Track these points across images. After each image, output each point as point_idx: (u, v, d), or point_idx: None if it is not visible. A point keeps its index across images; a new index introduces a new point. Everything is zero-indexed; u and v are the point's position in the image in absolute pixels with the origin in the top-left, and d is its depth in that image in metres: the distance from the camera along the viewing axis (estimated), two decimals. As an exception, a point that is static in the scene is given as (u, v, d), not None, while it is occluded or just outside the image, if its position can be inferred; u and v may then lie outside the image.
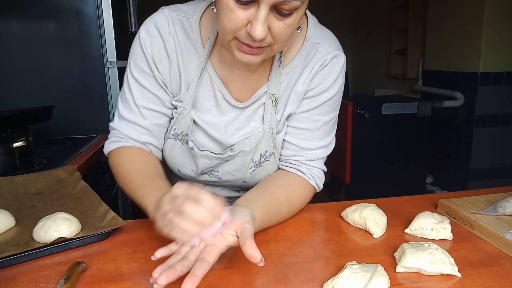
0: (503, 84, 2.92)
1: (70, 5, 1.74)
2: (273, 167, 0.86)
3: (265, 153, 0.83)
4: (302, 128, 0.84)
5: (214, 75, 0.81)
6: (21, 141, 1.33)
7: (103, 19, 1.77)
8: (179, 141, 0.84)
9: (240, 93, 0.82)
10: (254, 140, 0.82)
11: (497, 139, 3.00)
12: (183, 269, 0.54)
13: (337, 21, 5.11)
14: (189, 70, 0.81)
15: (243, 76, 0.81)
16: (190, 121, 0.82)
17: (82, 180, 0.98)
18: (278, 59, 0.80)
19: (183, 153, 0.85)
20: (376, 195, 1.01)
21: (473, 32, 2.90)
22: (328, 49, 0.80)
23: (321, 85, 0.81)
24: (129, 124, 0.83)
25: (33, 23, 1.73)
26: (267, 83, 0.81)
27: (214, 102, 0.82)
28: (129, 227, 0.79)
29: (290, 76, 0.82)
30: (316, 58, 0.80)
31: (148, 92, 0.81)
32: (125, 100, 0.83)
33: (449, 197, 0.88)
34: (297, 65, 0.81)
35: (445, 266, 0.60)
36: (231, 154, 0.82)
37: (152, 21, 0.79)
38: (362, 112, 2.93)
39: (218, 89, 0.81)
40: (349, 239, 0.74)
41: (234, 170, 0.85)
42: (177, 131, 0.83)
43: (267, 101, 0.81)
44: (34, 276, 0.62)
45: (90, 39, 1.78)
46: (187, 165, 0.86)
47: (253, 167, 0.84)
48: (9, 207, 0.84)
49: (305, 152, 0.85)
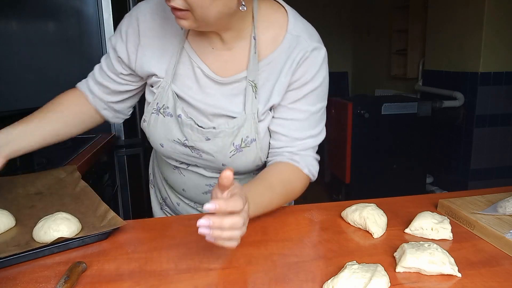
0: (503, 84, 2.92)
1: (70, 5, 1.74)
2: (254, 155, 0.86)
3: (246, 138, 0.84)
4: (292, 118, 0.86)
5: (192, 53, 0.85)
6: (21, 141, 1.32)
7: (103, 19, 1.77)
8: (161, 115, 0.87)
9: (220, 71, 0.85)
10: (236, 122, 0.84)
11: (497, 139, 3.00)
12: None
13: (337, 21, 5.12)
14: (168, 50, 0.85)
15: (219, 55, 0.85)
16: (172, 94, 0.85)
17: (82, 180, 0.98)
18: (254, 46, 0.82)
19: (165, 126, 0.87)
20: (376, 195, 1.01)
21: (473, 32, 2.90)
22: (309, 42, 0.82)
23: (304, 77, 0.83)
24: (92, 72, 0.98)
25: (33, 23, 1.73)
26: (247, 70, 0.83)
27: (194, 80, 0.85)
28: (129, 227, 0.79)
29: (272, 67, 0.83)
30: (297, 50, 0.82)
31: (109, 59, 0.93)
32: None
33: (449, 197, 0.88)
34: (278, 57, 0.83)
35: (445, 266, 0.60)
36: (212, 131, 0.84)
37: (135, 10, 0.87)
38: (362, 112, 2.93)
39: (197, 65, 0.84)
40: (349, 239, 0.74)
41: (215, 151, 0.86)
42: (160, 105, 0.87)
43: (247, 87, 0.83)
44: (34, 276, 0.62)
45: (90, 39, 1.78)
46: (170, 137, 0.87)
47: (233, 151, 0.85)
48: (9, 207, 0.84)
49: (296, 142, 0.86)
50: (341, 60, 5.23)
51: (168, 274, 0.62)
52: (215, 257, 0.67)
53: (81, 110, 0.97)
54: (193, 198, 0.99)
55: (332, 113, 3.16)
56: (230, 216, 0.57)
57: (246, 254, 0.68)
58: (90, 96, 0.96)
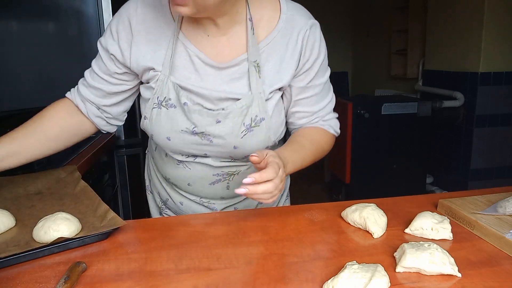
0: (503, 84, 2.92)
1: (70, 5, 1.74)
2: (264, 135, 0.88)
3: (256, 117, 0.86)
4: (310, 96, 0.92)
5: (188, 43, 0.85)
6: (21, 141, 1.32)
7: (103, 19, 1.77)
8: (164, 107, 0.86)
9: (218, 57, 0.85)
10: (244, 102, 0.85)
11: (497, 139, 3.00)
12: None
13: (337, 22, 5.12)
14: (163, 43, 0.85)
15: (215, 41, 0.85)
16: (172, 85, 0.85)
17: (82, 180, 0.98)
18: (251, 28, 0.84)
19: (169, 117, 0.86)
20: (376, 195, 1.01)
21: (473, 32, 2.90)
22: (304, 19, 0.87)
23: (312, 55, 0.88)
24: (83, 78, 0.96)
25: (33, 23, 1.73)
26: (247, 52, 0.85)
27: (192, 69, 0.85)
28: (129, 227, 0.79)
29: (271, 47, 0.86)
30: (296, 30, 0.86)
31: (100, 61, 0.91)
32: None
33: (449, 197, 0.88)
34: (276, 37, 0.86)
35: (445, 266, 0.60)
36: (222, 112, 0.84)
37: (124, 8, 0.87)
38: (362, 112, 2.93)
39: (194, 54, 0.85)
40: (349, 239, 0.74)
41: (225, 133, 0.86)
42: (160, 98, 0.86)
43: (250, 69, 0.85)
44: (34, 276, 0.62)
45: (90, 39, 1.78)
46: (177, 128, 0.86)
47: (244, 131, 0.86)
48: (9, 207, 0.84)
49: (318, 113, 0.95)
50: (341, 60, 5.23)
51: (168, 274, 0.62)
52: (215, 257, 0.67)
53: (71, 123, 0.95)
54: (199, 192, 0.97)
55: (332, 113, 3.16)
56: (264, 184, 0.69)
57: (246, 254, 0.68)
58: (81, 104, 0.94)
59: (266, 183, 0.69)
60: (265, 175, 0.68)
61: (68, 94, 0.97)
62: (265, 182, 0.69)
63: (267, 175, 0.69)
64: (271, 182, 0.69)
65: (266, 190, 0.69)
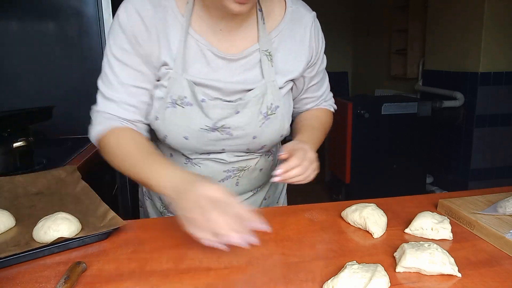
0: (503, 84, 2.92)
1: (70, 5, 1.74)
2: (279, 123, 0.90)
3: (271, 105, 0.87)
4: (316, 82, 0.99)
5: (199, 37, 0.83)
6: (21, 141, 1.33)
7: (103, 19, 1.77)
8: (179, 106, 0.83)
9: (230, 49, 0.85)
10: (259, 90, 0.86)
11: (497, 139, 3.00)
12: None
13: (337, 21, 5.12)
14: (173, 39, 0.82)
15: (227, 35, 0.85)
16: (187, 83, 0.83)
17: (82, 180, 0.98)
18: (261, 18, 0.86)
19: (186, 116, 0.84)
20: (376, 195, 1.01)
21: (473, 32, 2.90)
22: (307, 12, 0.92)
23: (319, 45, 0.94)
24: (117, 104, 0.83)
25: (33, 23, 1.73)
26: (258, 42, 0.86)
27: (204, 63, 0.84)
28: (129, 227, 0.79)
29: (280, 38, 0.88)
30: (303, 23, 0.90)
31: (132, 69, 0.82)
32: (108, 82, 0.83)
33: (449, 197, 0.88)
34: (285, 29, 0.89)
35: (445, 266, 0.60)
36: (241, 102, 0.85)
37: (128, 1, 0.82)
38: (362, 112, 2.93)
39: (207, 48, 0.83)
40: (349, 239, 0.74)
41: (245, 123, 0.86)
42: (174, 97, 0.83)
43: (262, 58, 0.86)
44: (34, 276, 0.62)
45: (90, 39, 1.78)
46: (195, 126, 0.84)
47: (262, 119, 0.87)
48: (9, 207, 0.84)
49: (321, 97, 1.04)
50: (341, 60, 5.23)
51: (168, 274, 0.62)
52: (215, 257, 0.67)
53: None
54: None
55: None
56: (293, 170, 0.77)
57: (246, 254, 0.68)
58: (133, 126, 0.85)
59: (295, 169, 0.77)
60: (292, 164, 0.77)
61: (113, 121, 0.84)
62: (293, 168, 0.77)
63: (293, 164, 0.77)
64: (299, 166, 0.77)
65: (296, 174, 0.77)
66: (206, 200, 0.63)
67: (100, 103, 0.85)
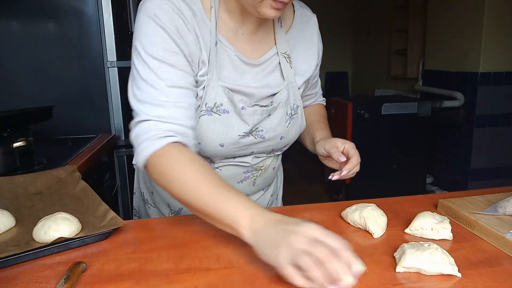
0: (503, 84, 2.92)
1: (70, 5, 1.74)
2: (300, 121, 0.94)
3: (294, 105, 0.91)
4: (316, 80, 1.05)
5: (226, 42, 0.83)
6: (21, 141, 1.33)
7: (103, 19, 1.77)
8: (216, 114, 0.81)
9: (251, 54, 0.86)
10: (285, 92, 0.89)
11: (497, 139, 2.99)
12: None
13: (337, 21, 5.12)
14: (206, 43, 0.79)
15: (248, 39, 0.86)
16: (222, 89, 0.80)
17: (82, 180, 0.98)
18: (278, 21, 0.89)
19: (223, 124, 0.82)
20: (376, 195, 1.01)
21: (473, 32, 2.90)
22: (310, 13, 0.97)
23: (321, 45, 0.98)
24: (171, 110, 0.73)
25: (33, 23, 1.73)
26: (276, 45, 0.89)
27: (231, 68, 0.84)
28: (129, 227, 0.79)
29: (295, 39, 0.92)
30: (310, 24, 0.95)
31: (178, 70, 0.75)
32: (153, 88, 0.73)
33: (449, 197, 0.88)
34: (297, 30, 0.93)
35: (445, 266, 0.60)
36: (273, 106, 0.87)
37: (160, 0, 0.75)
38: (362, 112, 2.93)
39: (234, 53, 0.84)
40: (349, 239, 0.74)
41: (275, 124, 0.89)
42: (210, 104, 0.80)
43: (281, 60, 0.89)
44: (34, 276, 0.62)
45: (90, 39, 1.78)
46: (232, 133, 0.82)
47: (288, 119, 0.91)
48: (9, 207, 0.84)
49: (318, 93, 1.10)
50: (341, 60, 5.23)
51: (168, 274, 0.62)
52: (215, 257, 0.67)
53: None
54: None
55: (332, 113, 3.16)
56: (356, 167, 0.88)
57: (246, 254, 0.68)
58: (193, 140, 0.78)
59: (356, 166, 0.87)
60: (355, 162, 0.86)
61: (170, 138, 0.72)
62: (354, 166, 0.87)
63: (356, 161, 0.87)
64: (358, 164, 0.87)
65: (357, 170, 0.88)
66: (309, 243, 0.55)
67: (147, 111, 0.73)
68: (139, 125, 0.74)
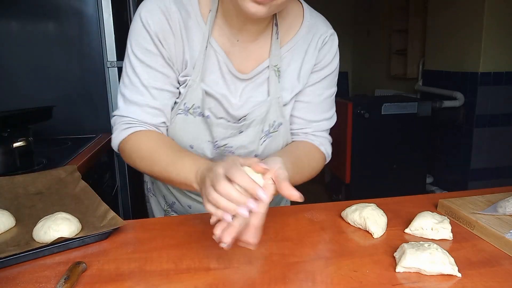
0: (503, 84, 2.92)
1: (70, 5, 1.74)
2: (282, 139, 0.89)
3: (274, 122, 0.87)
4: (308, 101, 0.90)
5: (218, 48, 0.82)
6: (21, 141, 1.33)
7: (103, 19, 1.77)
8: (191, 115, 0.83)
9: (243, 65, 0.84)
10: (264, 108, 0.85)
11: (497, 139, 2.99)
12: (241, 223, 0.56)
13: (337, 21, 5.10)
14: (194, 45, 0.81)
15: (243, 47, 0.84)
16: (202, 92, 0.82)
17: (82, 180, 0.98)
18: (276, 33, 0.84)
19: (196, 126, 0.84)
20: (376, 195, 1.01)
21: (473, 32, 2.90)
22: (325, 28, 0.88)
23: (323, 60, 0.88)
24: (140, 108, 0.81)
25: (33, 23, 1.73)
26: (269, 58, 0.85)
27: (220, 75, 0.83)
28: (129, 227, 0.79)
29: (293, 52, 0.86)
30: (317, 36, 0.87)
31: (155, 71, 0.80)
32: (131, 84, 0.80)
33: (449, 197, 0.88)
34: (298, 42, 0.86)
35: (445, 266, 0.60)
36: (245, 123, 0.85)
37: (152, 0, 0.78)
38: (362, 112, 2.93)
39: (223, 61, 0.82)
40: (349, 239, 0.74)
41: (247, 142, 0.86)
42: (188, 104, 0.82)
43: (270, 74, 0.85)
44: (34, 276, 0.62)
45: (90, 39, 1.78)
46: (203, 137, 0.85)
47: (264, 137, 0.87)
48: (9, 207, 0.84)
49: (311, 124, 0.92)
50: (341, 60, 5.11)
51: (168, 274, 0.62)
52: (215, 257, 0.67)
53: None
54: None
55: (332, 113, 3.16)
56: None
57: (246, 254, 0.68)
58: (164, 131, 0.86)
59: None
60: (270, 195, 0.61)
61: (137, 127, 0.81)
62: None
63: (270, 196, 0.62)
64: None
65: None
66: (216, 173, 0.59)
67: (122, 107, 0.82)
68: (114, 117, 0.85)
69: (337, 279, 0.60)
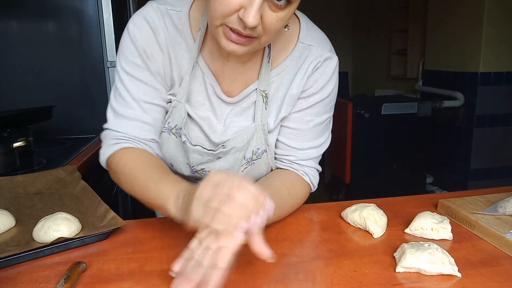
0: (503, 84, 2.92)
1: (70, 5, 1.74)
2: (266, 166, 0.85)
3: (257, 150, 0.82)
4: (294, 128, 0.84)
5: (206, 69, 0.80)
6: (21, 141, 1.33)
7: (103, 19, 1.77)
8: (173, 135, 0.82)
9: (231, 87, 0.81)
10: (246, 136, 0.81)
11: (497, 139, 3.00)
12: (198, 277, 0.53)
13: (337, 21, 5.12)
14: (181, 64, 0.79)
15: (233, 68, 0.80)
16: (185, 114, 0.80)
17: (82, 180, 0.98)
18: (267, 55, 0.79)
19: (176, 147, 0.83)
20: (376, 195, 1.01)
21: (473, 32, 2.90)
22: (320, 52, 0.80)
23: (313, 87, 0.81)
24: (129, 122, 0.78)
25: (33, 23, 1.73)
26: (258, 80, 0.80)
27: (206, 96, 0.81)
28: (129, 227, 0.79)
29: (282, 76, 0.81)
30: (308, 60, 0.80)
31: (144, 85, 0.78)
32: (120, 97, 0.78)
33: (449, 197, 0.88)
34: (289, 66, 0.81)
35: (445, 266, 0.60)
36: (223, 150, 0.81)
37: (140, 15, 0.77)
38: (362, 112, 2.93)
39: (209, 82, 0.80)
40: (349, 239, 0.74)
41: (226, 168, 0.83)
42: (171, 124, 0.81)
43: (257, 98, 0.80)
44: (34, 276, 0.62)
45: (90, 39, 1.78)
46: (181, 159, 0.84)
47: (245, 164, 0.83)
48: (9, 207, 0.84)
49: (296, 152, 0.85)
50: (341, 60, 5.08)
51: (168, 274, 0.62)
52: (215, 257, 0.67)
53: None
54: None
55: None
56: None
57: (246, 254, 0.68)
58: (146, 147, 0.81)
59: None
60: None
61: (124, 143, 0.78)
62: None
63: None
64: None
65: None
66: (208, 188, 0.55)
67: (111, 121, 0.80)
68: (104, 131, 0.82)
69: (337, 279, 0.60)
